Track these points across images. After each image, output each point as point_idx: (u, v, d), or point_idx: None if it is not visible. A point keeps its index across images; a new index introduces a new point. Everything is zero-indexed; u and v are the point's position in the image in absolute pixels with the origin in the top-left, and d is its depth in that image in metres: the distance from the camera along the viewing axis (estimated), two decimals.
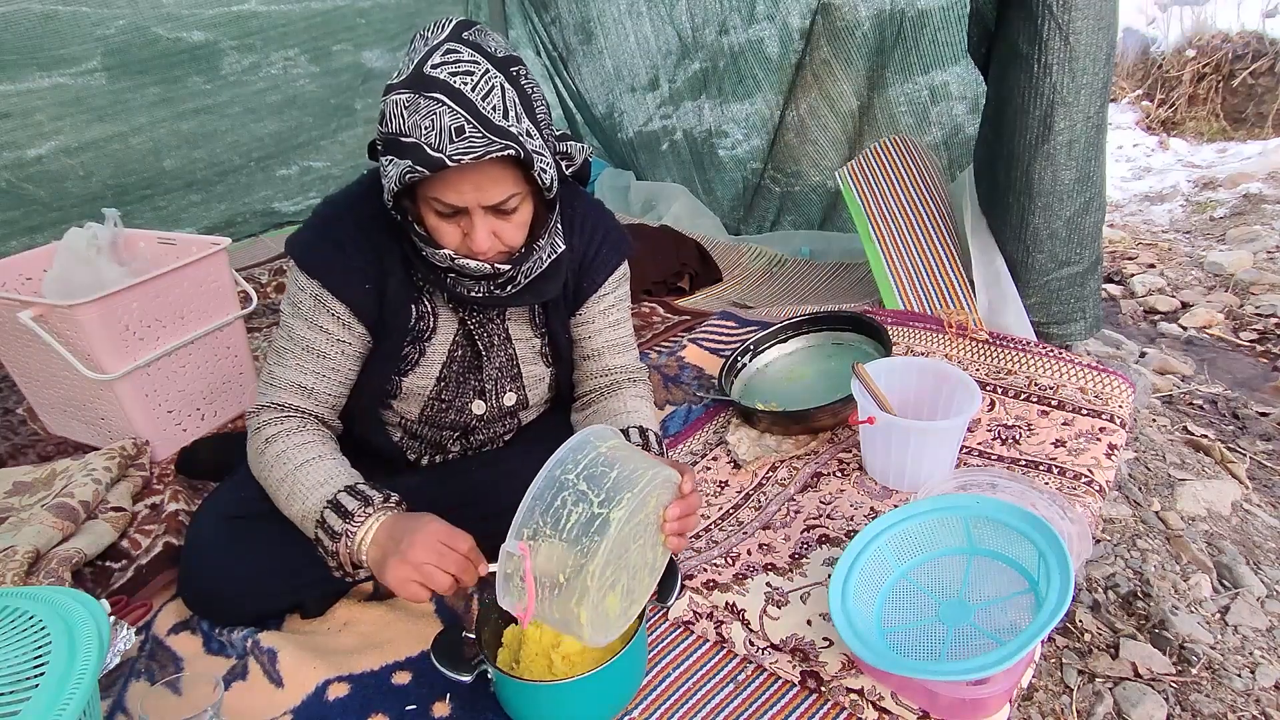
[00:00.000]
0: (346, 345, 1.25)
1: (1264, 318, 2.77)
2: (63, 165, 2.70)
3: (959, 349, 1.92)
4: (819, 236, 3.09)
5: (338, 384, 1.27)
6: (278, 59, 3.11)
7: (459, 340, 1.31)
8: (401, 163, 1.04)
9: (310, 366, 1.25)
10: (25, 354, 1.80)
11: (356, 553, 1.10)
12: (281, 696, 1.17)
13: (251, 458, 1.23)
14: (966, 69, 2.57)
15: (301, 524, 1.16)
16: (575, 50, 3.51)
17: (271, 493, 1.20)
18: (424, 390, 1.32)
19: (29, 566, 1.35)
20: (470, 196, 1.08)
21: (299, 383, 1.24)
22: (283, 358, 1.26)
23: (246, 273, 2.82)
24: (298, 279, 1.23)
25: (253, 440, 1.23)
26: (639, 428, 1.36)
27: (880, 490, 1.53)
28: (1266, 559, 1.68)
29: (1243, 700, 1.33)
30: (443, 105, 1.02)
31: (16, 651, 0.81)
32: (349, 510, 1.11)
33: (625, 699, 1.12)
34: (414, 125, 1.03)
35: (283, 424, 1.22)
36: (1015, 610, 1.07)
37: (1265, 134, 4.58)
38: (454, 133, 1.02)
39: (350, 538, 1.10)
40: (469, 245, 1.13)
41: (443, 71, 1.04)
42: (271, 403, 1.24)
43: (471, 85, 1.04)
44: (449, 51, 1.05)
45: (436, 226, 1.13)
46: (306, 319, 1.23)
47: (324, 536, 1.12)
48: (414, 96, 1.04)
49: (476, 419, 1.38)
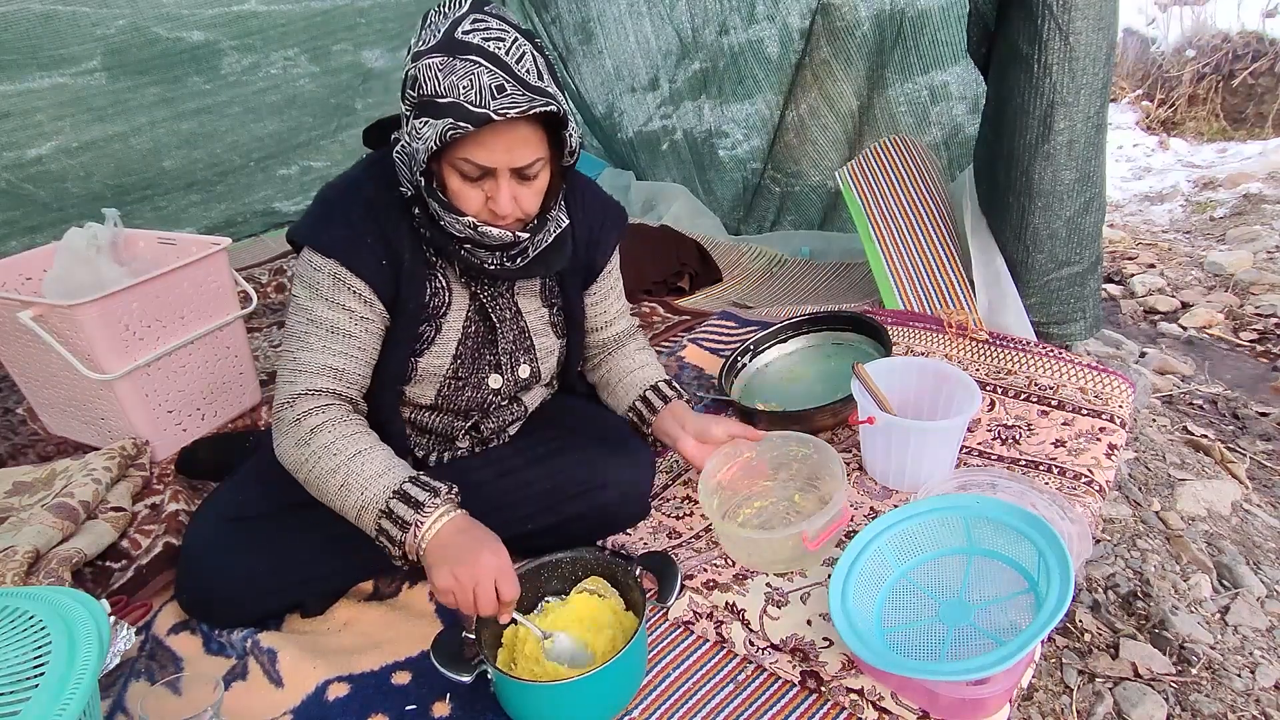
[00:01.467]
0: (370, 323, 1.24)
1: (1264, 318, 2.77)
2: (63, 165, 2.70)
3: (959, 349, 1.92)
4: (819, 236, 3.09)
5: (365, 364, 1.26)
6: (278, 59, 3.11)
7: (472, 315, 1.33)
8: (440, 122, 1.06)
9: (338, 347, 1.22)
10: (25, 354, 1.80)
11: (419, 544, 1.10)
12: (281, 696, 1.17)
13: (288, 449, 1.19)
14: (966, 69, 2.57)
15: (358, 514, 1.14)
16: (575, 50, 3.51)
17: (316, 483, 1.17)
18: (440, 370, 1.32)
19: (29, 566, 1.35)
20: (502, 157, 1.11)
21: (330, 365, 1.22)
22: (306, 342, 1.22)
23: (246, 273, 2.82)
24: (312, 260, 1.21)
25: (292, 431, 1.18)
26: (654, 386, 1.49)
27: (880, 490, 1.53)
28: (1266, 559, 1.68)
29: (1243, 700, 1.33)
30: (480, 66, 1.05)
31: (16, 651, 0.81)
32: (419, 501, 1.11)
33: (625, 699, 1.12)
34: (451, 86, 1.05)
35: (325, 413, 1.19)
36: (1015, 610, 1.07)
37: (1265, 134, 4.58)
38: (495, 90, 1.05)
39: (419, 528, 1.10)
40: (490, 209, 1.15)
41: (475, 36, 1.07)
42: (307, 389, 1.20)
43: (505, 49, 1.07)
44: (477, 20, 1.08)
45: (459, 191, 1.15)
46: (327, 299, 1.21)
47: (390, 526, 1.11)
48: (448, 59, 1.06)
49: (493, 394, 1.39)
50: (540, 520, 1.36)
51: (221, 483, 1.52)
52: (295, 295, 1.25)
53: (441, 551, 1.09)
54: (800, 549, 1.26)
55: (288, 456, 1.20)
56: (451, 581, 1.06)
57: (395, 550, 1.13)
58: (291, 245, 1.27)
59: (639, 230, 2.82)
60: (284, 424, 1.20)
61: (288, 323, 1.26)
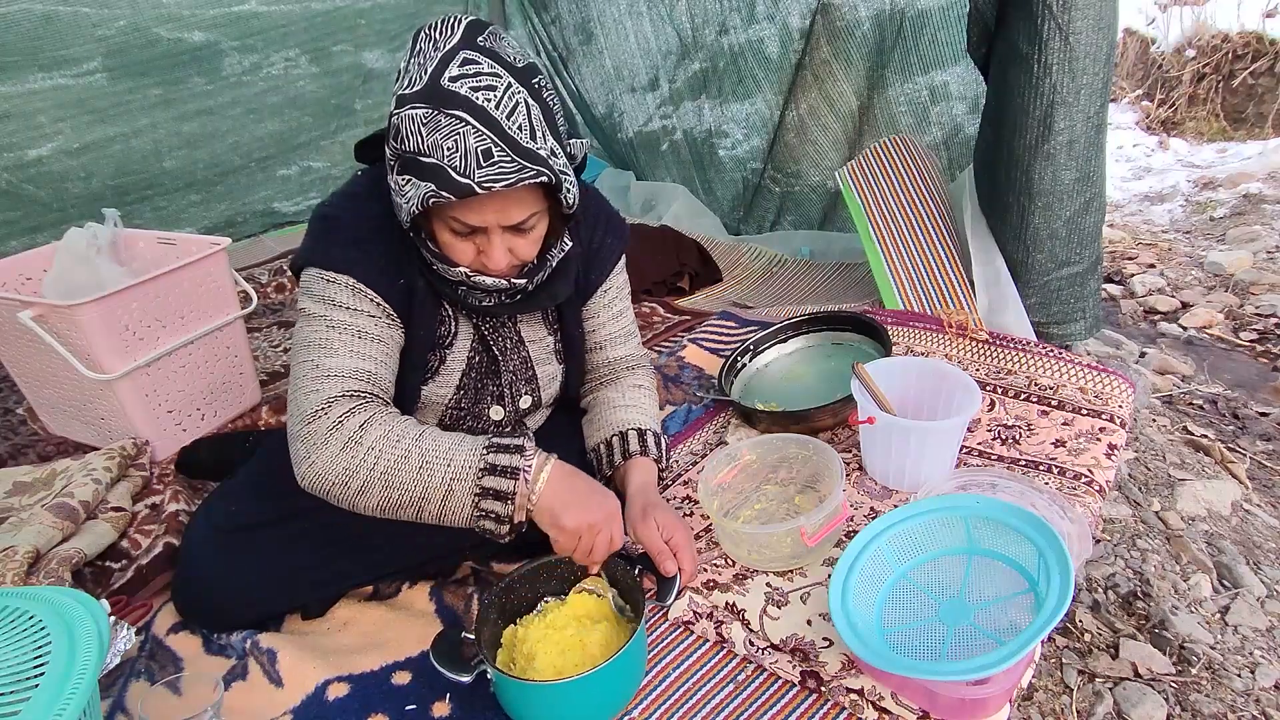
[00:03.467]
0: (393, 332, 1.16)
1: (1264, 318, 2.77)
2: (63, 166, 2.70)
3: (959, 349, 1.92)
4: (819, 236, 3.09)
5: (392, 371, 1.16)
6: (278, 59, 3.11)
7: (476, 346, 1.28)
8: (423, 185, 0.99)
9: (366, 350, 1.12)
10: (25, 354, 1.80)
11: (533, 490, 1.04)
12: (281, 696, 1.17)
13: (331, 458, 1.04)
14: (966, 69, 2.57)
15: (449, 487, 1.03)
16: (575, 50, 3.51)
17: (382, 480, 1.04)
18: (443, 400, 1.28)
19: (29, 566, 1.35)
20: (492, 218, 1.05)
21: (362, 368, 1.11)
22: (330, 348, 1.10)
23: (246, 273, 2.83)
24: (325, 276, 1.12)
25: (332, 438, 1.04)
26: (636, 429, 1.38)
27: (880, 490, 1.53)
28: (1266, 559, 1.68)
29: (1243, 700, 1.33)
30: (466, 124, 0.96)
31: (16, 651, 0.81)
32: (518, 446, 1.05)
33: (625, 699, 1.12)
34: (434, 145, 0.97)
35: (368, 410, 1.07)
36: (1015, 610, 1.07)
37: (1265, 134, 4.58)
38: (481, 156, 0.97)
39: (528, 473, 1.04)
40: (483, 262, 1.10)
41: (463, 86, 0.97)
42: (342, 393, 1.08)
43: (495, 102, 0.98)
44: (466, 62, 0.98)
45: (450, 244, 1.09)
46: (347, 307, 1.12)
47: (497, 481, 1.03)
48: (433, 113, 0.97)
49: (494, 425, 1.35)
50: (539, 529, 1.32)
51: (215, 490, 1.51)
52: (306, 310, 1.14)
53: (565, 495, 1.04)
54: (799, 545, 1.26)
55: (333, 468, 1.04)
56: (584, 523, 1.02)
57: (505, 508, 1.04)
58: (295, 273, 1.19)
59: (639, 230, 2.82)
60: (316, 436, 1.05)
61: (299, 336, 1.14)
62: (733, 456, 1.46)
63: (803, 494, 1.47)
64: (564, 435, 1.46)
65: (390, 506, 1.06)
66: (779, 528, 1.28)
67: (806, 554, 1.30)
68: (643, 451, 1.36)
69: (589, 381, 1.50)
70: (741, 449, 1.47)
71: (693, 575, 1.28)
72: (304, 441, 1.06)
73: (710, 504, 1.35)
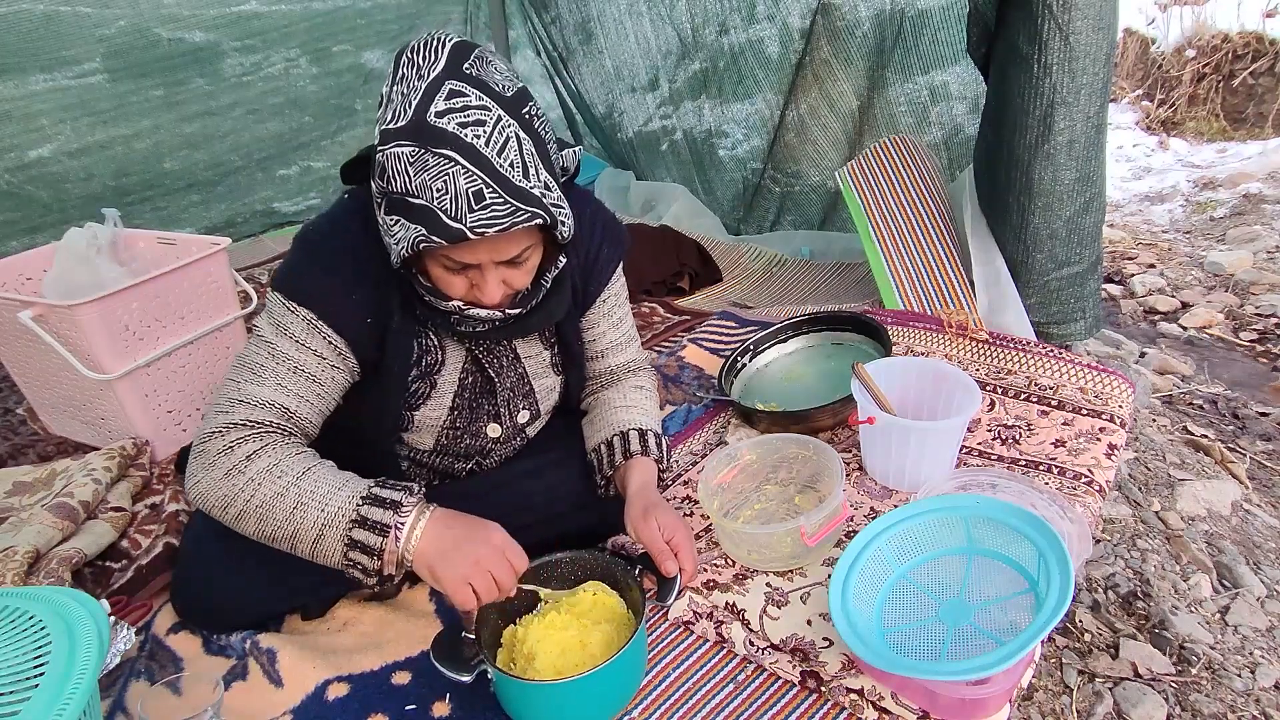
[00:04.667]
0: (337, 373, 1.14)
1: (1264, 318, 2.77)
2: (64, 166, 2.71)
3: (959, 349, 1.92)
4: (819, 236, 3.09)
5: (320, 412, 1.14)
6: (279, 60, 3.11)
7: (468, 368, 1.26)
8: (413, 228, 0.96)
9: (295, 389, 1.10)
10: (25, 354, 1.80)
11: (405, 548, 1.01)
12: (281, 696, 1.17)
13: (213, 482, 1.04)
14: (966, 69, 2.57)
15: (319, 532, 1.02)
16: (575, 50, 3.51)
17: (256, 513, 1.04)
18: (437, 421, 1.27)
19: (29, 566, 1.35)
20: (485, 256, 1.03)
21: (280, 403, 1.09)
22: (259, 375, 1.10)
23: (246, 273, 2.83)
24: (287, 304, 1.11)
25: (220, 462, 1.04)
26: (638, 429, 1.37)
27: (880, 490, 1.53)
28: (1266, 559, 1.68)
29: (1243, 700, 1.33)
30: (455, 164, 0.93)
31: (16, 651, 0.81)
32: (395, 501, 1.02)
33: (625, 699, 1.12)
34: (422, 186, 0.94)
35: (263, 439, 1.06)
36: (1015, 610, 1.07)
37: (1265, 134, 4.58)
38: (473, 198, 0.93)
39: (399, 530, 1.00)
40: (476, 295, 1.08)
41: (450, 122, 0.93)
42: (245, 420, 1.07)
43: (485, 138, 0.94)
44: (453, 94, 0.94)
45: (443, 278, 1.07)
46: (296, 340, 1.10)
47: (366, 535, 1.01)
48: (419, 152, 0.93)
49: (492, 442, 1.34)
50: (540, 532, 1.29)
51: None
52: (259, 328, 1.13)
53: (435, 546, 1.01)
54: (799, 545, 1.26)
55: (214, 492, 1.04)
56: (465, 569, 0.99)
57: (372, 563, 1.03)
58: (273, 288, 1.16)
59: (639, 230, 2.83)
60: (207, 455, 1.05)
61: (241, 352, 1.13)
62: (733, 456, 1.46)
63: (803, 494, 1.47)
64: (563, 439, 1.45)
65: (265, 538, 1.06)
66: (779, 528, 1.28)
67: (806, 554, 1.30)
68: (644, 451, 1.35)
69: (589, 386, 1.49)
70: (741, 449, 1.47)
71: (693, 575, 1.28)
72: (197, 459, 1.07)
73: (710, 504, 1.35)
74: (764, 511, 1.46)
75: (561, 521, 1.35)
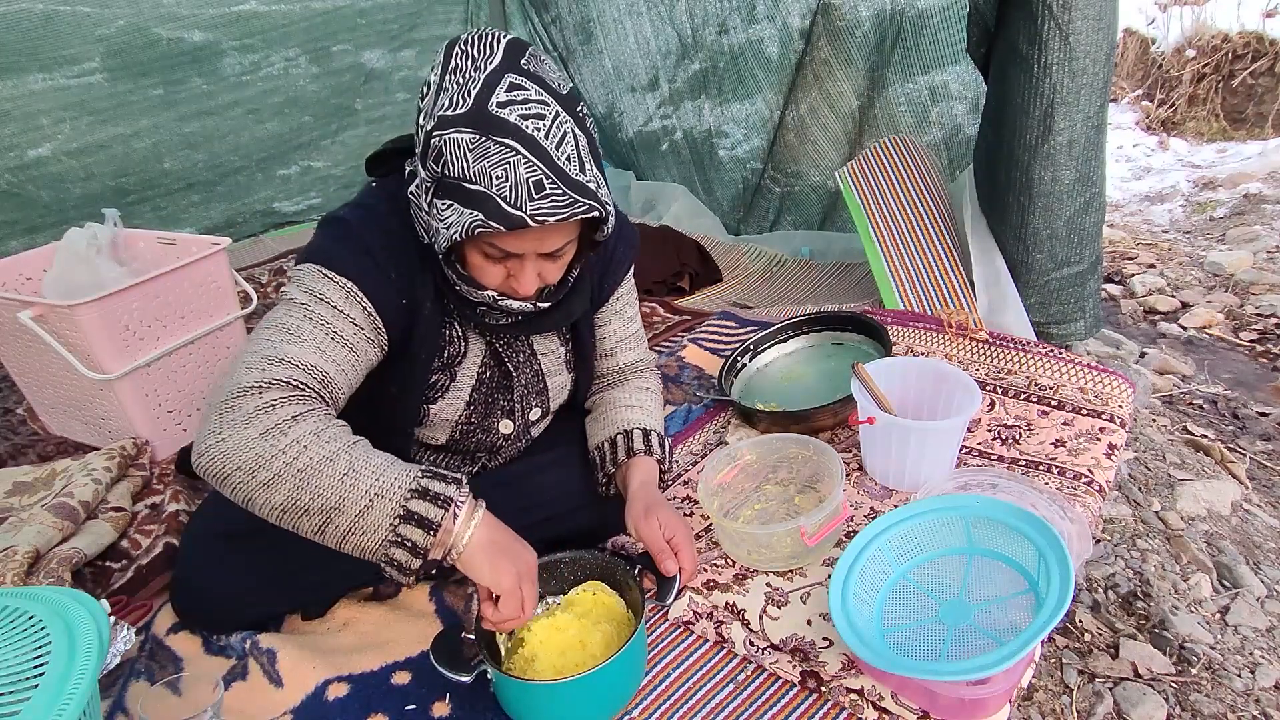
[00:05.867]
0: (370, 347, 1.10)
1: (1264, 318, 2.77)
2: (63, 166, 2.70)
3: (959, 349, 1.92)
4: (819, 236, 3.09)
5: (350, 386, 1.09)
6: (278, 59, 3.11)
7: (487, 362, 1.27)
8: (469, 213, 0.96)
9: (333, 355, 1.04)
10: (25, 354, 1.80)
11: (465, 532, 0.97)
12: (281, 696, 1.17)
13: (247, 440, 0.93)
14: (966, 69, 2.57)
15: (367, 505, 0.94)
16: (575, 50, 3.51)
17: (303, 477, 0.93)
18: (452, 416, 1.27)
19: (29, 566, 1.35)
20: (530, 247, 1.04)
21: (320, 367, 1.02)
22: (299, 336, 1.03)
23: (246, 273, 2.83)
24: (325, 273, 1.07)
25: (258, 419, 0.94)
26: (641, 429, 1.37)
27: (880, 490, 1.53)
28: (1266, 559, 1.68)
29: (1243, 700, 1.33)
30: (517, 154, 0.94)
31: (16, 651, 0.81)
32: (457, 479, 0.99)
33: (625, 699, 1.12)
34: (482, 173, 0.95)
35: (305, 403, 0.98)
36: (1015, 610, 1.07)
37: (1265, 134, 4.58)
38: (533, 188, 0.95)
39: (459, 509, 0.96)
40: (512, 286, 1.09)
41: (512, 113, 0.95)
42: (285, 379, 0.98)
43: (545, 131, 0.96)
44: (514, 86, 0.96)
45: (481, 267, 1.07)
46: (334, 306, 1.06)
47: (425, 508, 0.95)
48: (480, 139, 0.94)
49: (503, 439, 1.34)
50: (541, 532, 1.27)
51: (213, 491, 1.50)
52: (289, 296, 1.08)
53: (496, 539, 1.00)
54: (799, 545, 1.26)
55: (245, 452, 0.93)
56: (512, 580, 0.98)
57: (425, 538, 0.95)
58: None
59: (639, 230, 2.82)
60: (239, 412, 0.94)
61: (268, 319, 1.07)
62: (733, 456, 1.46)
63: (803, 494, 1.47)
64: (564, 438, 1.45)
65: (294, 510, 0.94)
66: (779, 528, 1.28)
67: (806, 554, 1.30)
68: (646, 451, 1.35)
69: (596, 384, 1.49)
70: (741, 449, 1.47)
71: (693, 575, 1.28)
72: (222, 416, 0.95)
73: (710, 504, 1.35)
74: (764, 511, 1.46)
75: (563, 521, 1.35)
